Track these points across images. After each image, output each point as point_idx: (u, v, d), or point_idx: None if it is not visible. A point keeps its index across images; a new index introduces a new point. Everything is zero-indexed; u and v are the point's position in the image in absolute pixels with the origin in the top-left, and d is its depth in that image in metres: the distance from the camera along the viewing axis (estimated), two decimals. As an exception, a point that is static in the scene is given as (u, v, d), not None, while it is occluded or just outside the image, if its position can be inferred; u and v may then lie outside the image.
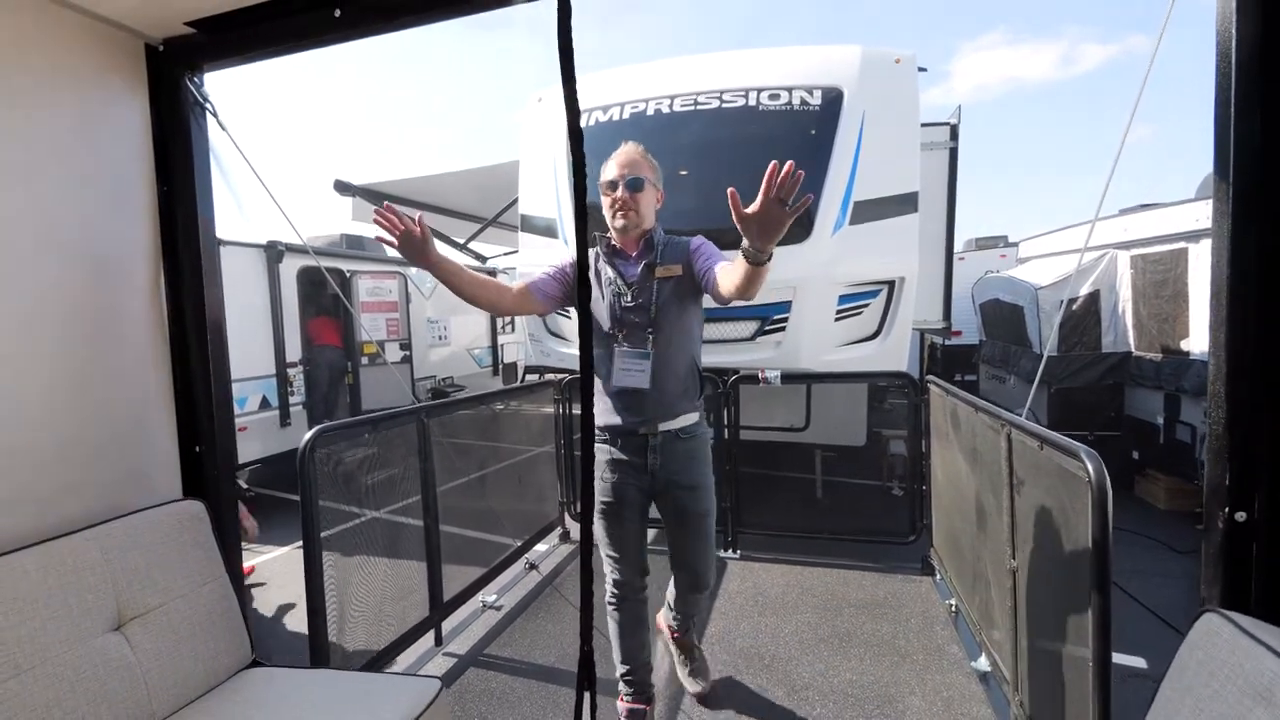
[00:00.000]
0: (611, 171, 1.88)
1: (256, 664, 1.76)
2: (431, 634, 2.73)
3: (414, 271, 7.28)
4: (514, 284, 1.95)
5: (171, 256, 1.79)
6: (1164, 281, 5.56)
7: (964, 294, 8.39)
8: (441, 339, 8.31)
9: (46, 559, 1.38)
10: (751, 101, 3.87)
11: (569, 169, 3.91)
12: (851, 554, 3.54)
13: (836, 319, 3.78)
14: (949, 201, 4.98)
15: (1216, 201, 1.13)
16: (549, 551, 3.84)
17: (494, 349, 9.65)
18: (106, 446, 1.63)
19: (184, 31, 1.69)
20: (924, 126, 4.40)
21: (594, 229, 1.70)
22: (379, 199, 6.41)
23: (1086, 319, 6.27)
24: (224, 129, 1.82)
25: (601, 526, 2.01)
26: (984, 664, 2.38)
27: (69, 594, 1.39)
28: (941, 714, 2.17)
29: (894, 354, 3.79)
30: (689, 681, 2.32)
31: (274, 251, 5.83)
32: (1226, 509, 1.13)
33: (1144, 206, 6.16)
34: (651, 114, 4.04)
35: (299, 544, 2.09)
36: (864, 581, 3.25)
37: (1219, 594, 1.15)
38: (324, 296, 6.62)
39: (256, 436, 5.59)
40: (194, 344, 1.82)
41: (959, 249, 6.63)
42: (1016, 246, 10.09)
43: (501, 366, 9.76)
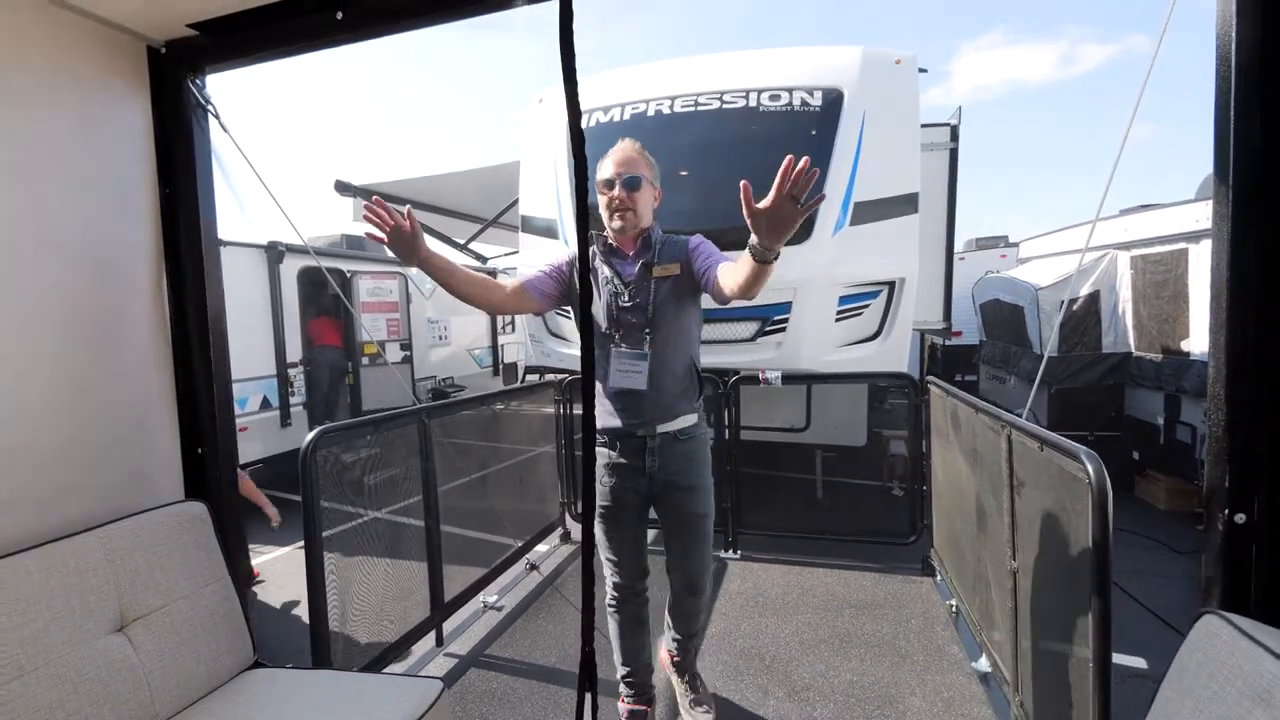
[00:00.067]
0: (608, 170, 1.83)
1: (258, 665, 1.77)
2: (433, 634, 2.73)
3: (414, 272, 7.29)
4: (509, 282, 1.91)
5: (173, 259, 1.79)
6: (1164, 282, 5.56)
7: (964, 294, 8.39)
8: (442, 339, 8.31)
9: (49, 560, 1.39)
10: (752, 102, 3.87)
11: (569, 170, 3.91)
12: (852, 554, 3.54)
13: (837, 320, 3.78)
14: (949, 202, 4.99)
15: (1216, 204, 1.14)
16: (550, 552, 3.85)
17: (494, 349, 9.66)
18: (108, 448, 1.63)
19: (186, 34, 1.69)
20: (924, 127, 4.41)
21: (592, 228, 1.70)
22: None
23: (1087, 319, 6.28)
24: (226, 131, 1.83)
25: (600, 530, 1.99)
26: (984, 665, 2.38)
27: (71, 595, 1.39)
28: (942, 715, 2.18)
29: (894, 354, 3.80)
30: (692, 714, 2.14)
31: (275, 252, 5.84)
32: (1226, 511, 1.14)
33: (1144, 207, 6.17)
34: (652, 115, 4.04)
35: (300, 544, 2.09)
36: (864, 582, 3.25)
37: (1219, 596, 1.16)
38: (324, 297, 6.62)
39: (257, 437, 5.59)
40: (196, 346, 1.82)
41: (959, 249, 6.63)
42: (1017, 247, 10.09)
43: (502, 367, 9.77)
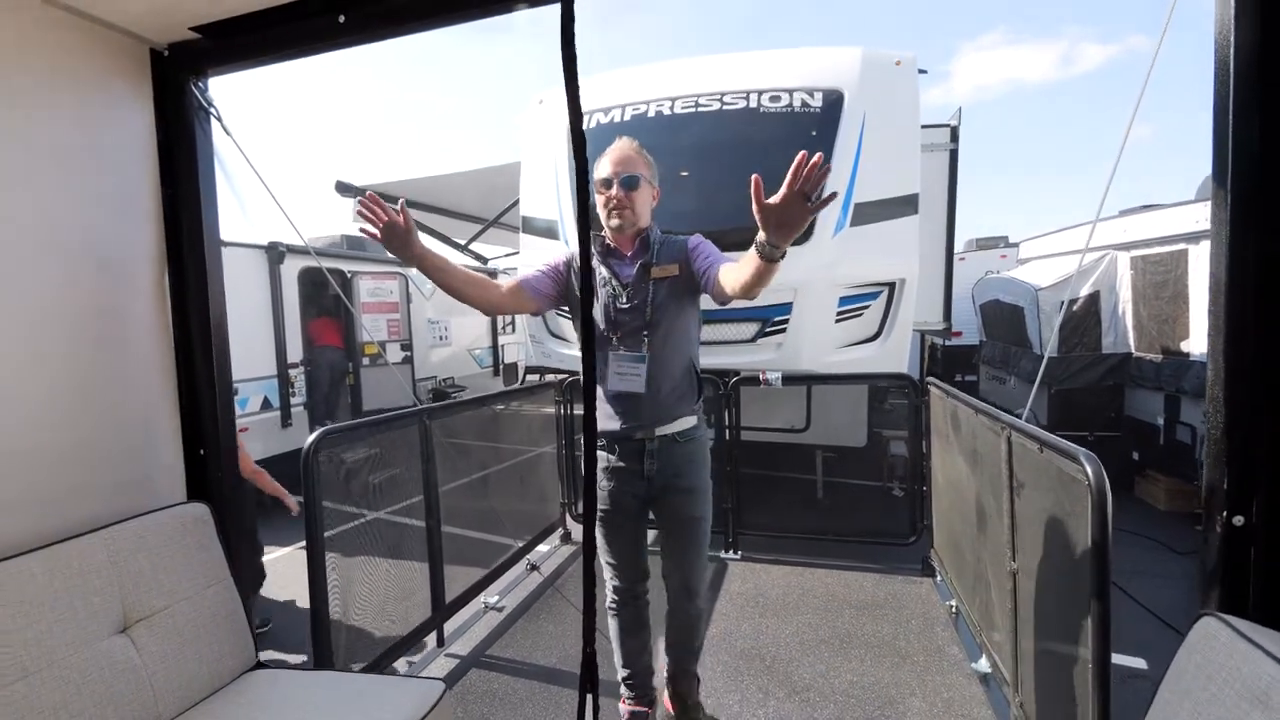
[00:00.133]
0: (605, 169, 1.80)
1: (260, 666, 1.77)
2: (434, 635, 2.74)
3: (415, 272, 7.28)
4: (506, 282, 1.89)
5: (176, 261, 1.79)
6: (1164, 282, 5.57)
7: (964, 295, 8.38)
8: (442, 339, 8.32)
9: (53, 562, 1.39)
10: (752, 103, 3.87)
11: (570, 170, 3.91)
12: (852, 555, 3.55)
13: (837, 320, 3.79)
14: (949, 203, 4.99)
15: (1215, 207, 1.14)
16: (551, 553, 3.85)
17: (495, 349, 9.66)
18: (111, 449, 1.63)
19: (189, 37, 1.69)
20: (924, 128, 4.40)
21: (592, 229, 1.69)
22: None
23: (1087, 320, 6.28)
24: (228, 133, 1.83)
25: (600, 534, 1.97)
26: (984, 665, 2.39)
27: (75, 597, 1.40)
28: (942, 715, 2.18)
29: (894, 355, 3.80)
30: None
31: (275, 252, 5.84)
32: (1225, 513, 1.14)
33: (1144, 207, 6.16)
34: (652, 116, 4.04)
35: (301, 544, 2.10)
36: (864, 583, 3.26)
37: (1217, 598, 1.16)
38: (325, 297, 6.63)
39: (258, 437, 5.60)
40: (198, 348, 1.82)
41: (959, 250, 6.64)
42: (1017, 247, 10.08)
43: (502, 367, 9.78)
